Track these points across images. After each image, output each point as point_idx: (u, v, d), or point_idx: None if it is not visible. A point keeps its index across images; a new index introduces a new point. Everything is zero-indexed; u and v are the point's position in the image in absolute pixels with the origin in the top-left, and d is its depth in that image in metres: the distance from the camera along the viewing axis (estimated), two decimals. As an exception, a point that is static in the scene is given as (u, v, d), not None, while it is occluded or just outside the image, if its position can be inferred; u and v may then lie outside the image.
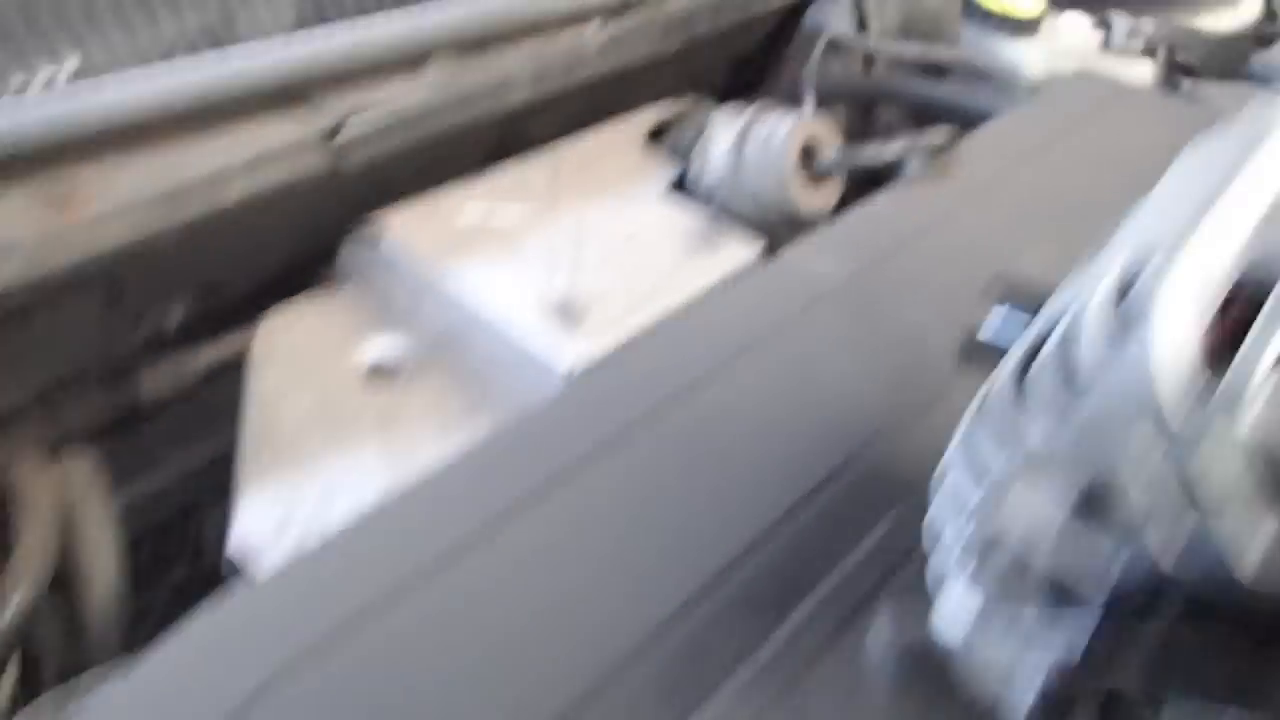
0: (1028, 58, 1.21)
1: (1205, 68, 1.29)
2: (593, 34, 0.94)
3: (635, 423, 0.62)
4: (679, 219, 0.91)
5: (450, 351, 0.85)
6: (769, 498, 0.57)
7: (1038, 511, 0.35)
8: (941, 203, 0.84)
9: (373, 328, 0.86)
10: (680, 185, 0.95)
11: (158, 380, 0.86)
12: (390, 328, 0.86)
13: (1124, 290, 0.36)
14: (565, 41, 0.92)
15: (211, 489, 0.79)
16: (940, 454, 0.54)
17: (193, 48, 0.81)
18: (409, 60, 0.83)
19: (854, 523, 0.56)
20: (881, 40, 1.19)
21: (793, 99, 1.11)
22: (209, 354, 0.87)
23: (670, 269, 0.85)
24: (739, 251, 0.87)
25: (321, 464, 0.76)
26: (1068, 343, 0.36)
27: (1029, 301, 0.54)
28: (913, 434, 0.62)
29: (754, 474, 0.60)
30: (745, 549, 0.54)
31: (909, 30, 1.31)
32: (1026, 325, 0.54)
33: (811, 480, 0.58)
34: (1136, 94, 1.07)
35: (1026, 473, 0.36)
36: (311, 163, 0.77)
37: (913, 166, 0.88)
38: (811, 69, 1.09)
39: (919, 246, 0.79)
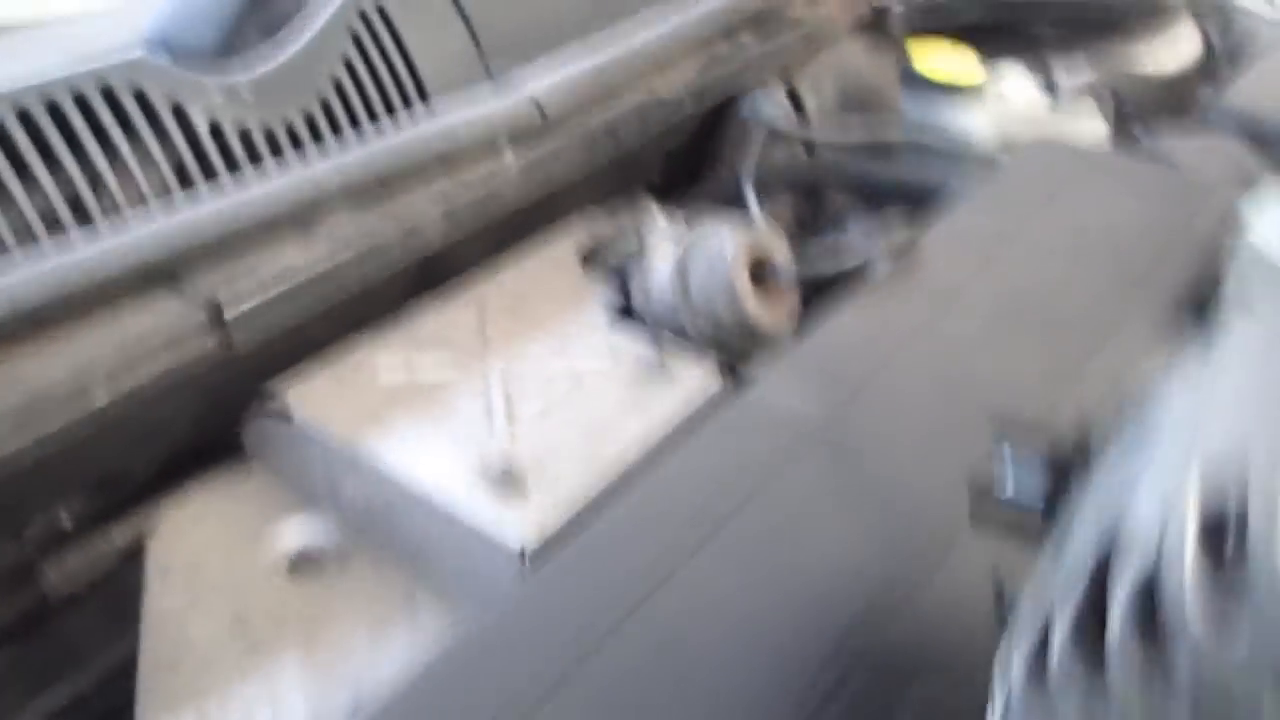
0: (975, 125, 1.15)
1: (1154, 113, 1.24)
2: (510, 161, 0.85)
3: (612, 619, 0.52)
4: (625, 349, 0.82)
5: (381, 532, 0.74)
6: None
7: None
8: (914, 310, 0.75)
9: (289, 511, 0.76)
10: (623, 310, 0.86)
11: (64, 573, 0.75)
12: (310, 510, 0.76)
13: (1213, 528, 0.27)
14: (478, 173, 0.83)
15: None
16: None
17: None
18: (298, 219, 0.73)
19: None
20: (821, 126, 1.12)
21: (733, 191, 1.03)
22: (120, 535, 0.76)
23: (623, 411, 0.76)
24: (698, 382, 0.77)
25: (236, 689, 0.65)
26: (1129, 618, 0.27)
27: (1034, 440, 0.46)
28: (924, 609, 0.53)
29: (758, 673, 0.50)
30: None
31: (847, 106, 1.25)
32: (1038, 471, 0.46)
33: (819, 681, 0.49)
34: (1099, 158, 1.00)
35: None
36: (196, 348, 0.67)
37: (877, 269, 0.80)
38: (749, 164, 1.02)
39: (897, 365, 0.70)
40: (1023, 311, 0.75)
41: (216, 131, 0.74)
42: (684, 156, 1.17)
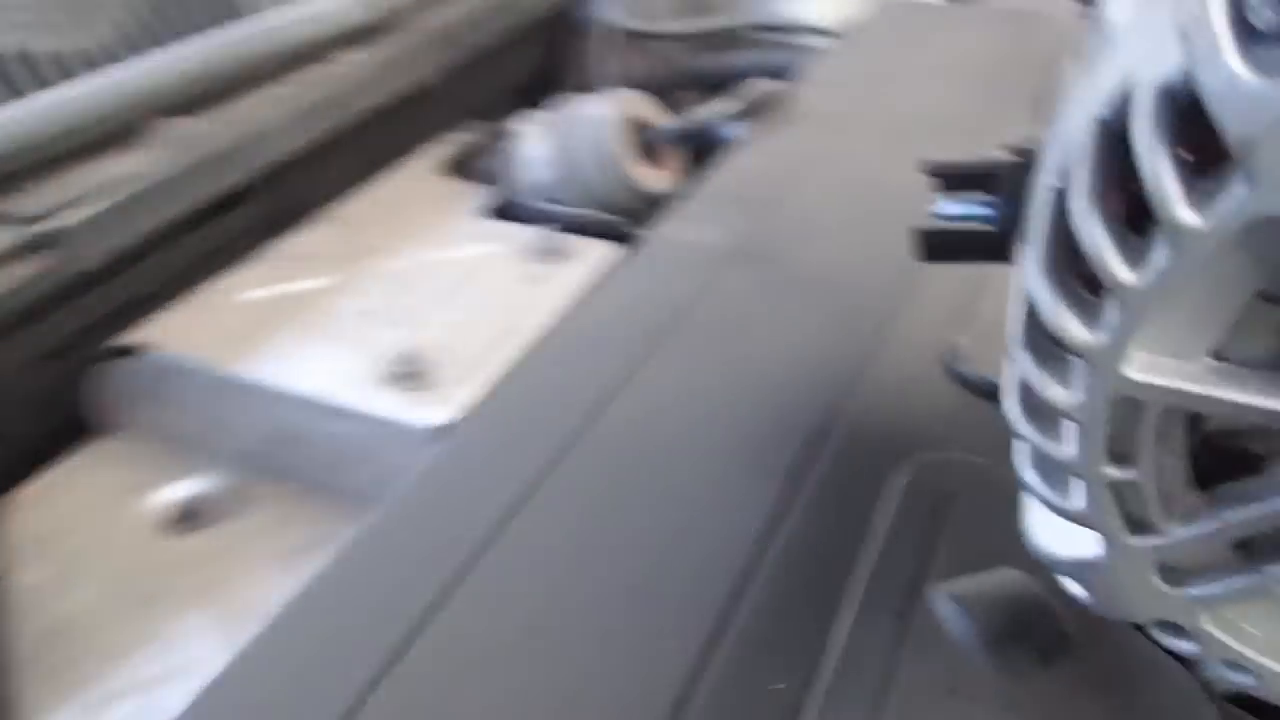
0: (815, 7, 1.15)
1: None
2: (349, 65, 0.79)
3: (573, 426, 0.47)
4: (514, 236, 0.76)
5: (280, 461, 0.66)
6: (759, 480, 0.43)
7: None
8: (805, 142, 0.73)
9: (166, 465, 0.67)
10: (499, 211, 0.81)
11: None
12: (190, 458, 0.67)
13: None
14: (317, 75, 0.76)
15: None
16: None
17: None
18: (128, 127, 0.65)
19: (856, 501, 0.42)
20: (665, 20, 1.10)
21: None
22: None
23: (521, 289, 0.70)
24: (594, 252, 0.73)
25: (138, 649, 0.57)
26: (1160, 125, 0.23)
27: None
28: (880, 387, 0.50)
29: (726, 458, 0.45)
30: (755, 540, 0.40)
31: (681, 8, 1.23)
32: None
33: (793, 459, 0.45)
34: (950, 9, 1.01)
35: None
36: (23, 272, 0.58)
37: (756, 117, 0.77)
38: (599, 60, 0.98)
39: (803, 187, 0.67)
40: (910, 130, 0.74)
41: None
42: (526, 88, 1.13)
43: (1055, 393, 0.25)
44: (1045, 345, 0.26)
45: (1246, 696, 0.32)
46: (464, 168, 0.87)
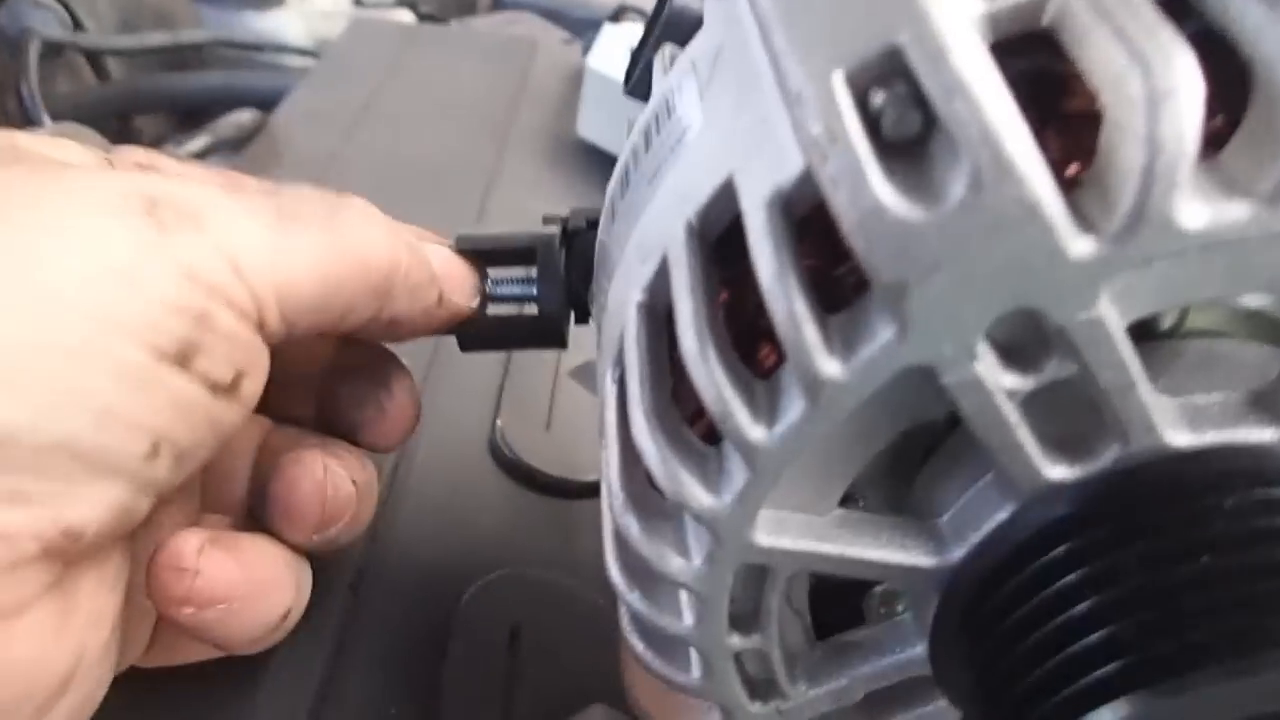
0: (287, 28, 1.04)
1: (445, 11, 1.24)
2: None
3: None
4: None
5: None
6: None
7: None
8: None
9: None
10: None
11: None
12: None
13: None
14: None
15: None
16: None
17: None
18: None
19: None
20: (113, 34, 0.93)
21: (27, 123, 0.81)
22: None
23: None
24: None
25: None
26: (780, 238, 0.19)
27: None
28: (421, 494, 0.43)
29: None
30: None
31: (132, 26, 1.06)
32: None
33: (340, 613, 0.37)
34: (425, 31, 0.96)
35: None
36: None
37: (225, 149, 0.66)
38: (33, 80, 0.80)
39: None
40: (398, 175, 0.67)
41: None
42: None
43: (670, 563, 0.20)
44: (653, 503, 0.21)
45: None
46: None
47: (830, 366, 0.17)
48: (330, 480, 0.32)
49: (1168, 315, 0.20)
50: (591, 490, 0.42)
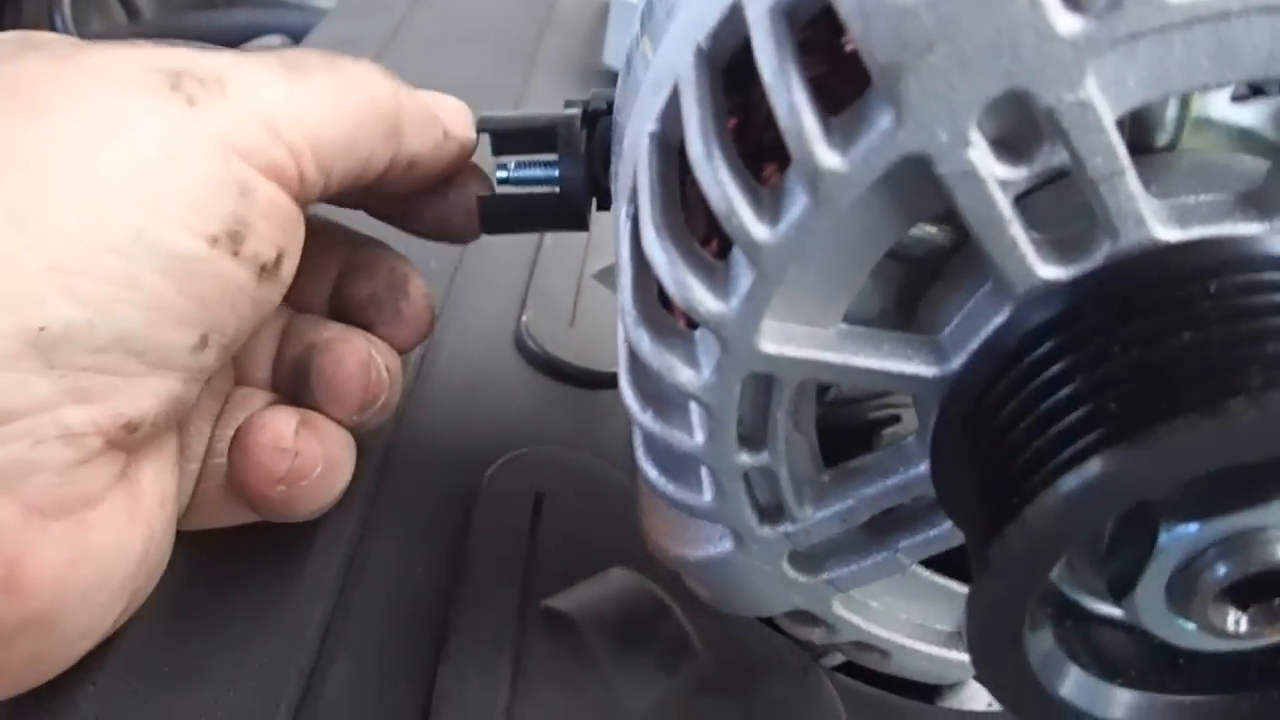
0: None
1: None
2: None
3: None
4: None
5: None
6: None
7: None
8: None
9: None
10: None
11: None
12: None
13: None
14: None
15: None
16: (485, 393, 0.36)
17: None
18: None
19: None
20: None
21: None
22: None
23: None
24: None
25: None
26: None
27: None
28: (446, 381, 0.44)
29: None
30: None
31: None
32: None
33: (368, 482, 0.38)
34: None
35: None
36: None
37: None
38: (67, 18, 0.82)
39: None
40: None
41: None
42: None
43: (680, 374, 0.21)
44: (664, 320, 0.22)
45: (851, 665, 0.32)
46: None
47: (830, 158, 0.18)
48: (373, 361, 0.33)
49: (1162, 134, 0.21)
50: (613, 381, 0.43)
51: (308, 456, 0.30)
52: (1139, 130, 0.21)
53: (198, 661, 0.30)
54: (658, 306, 0.22)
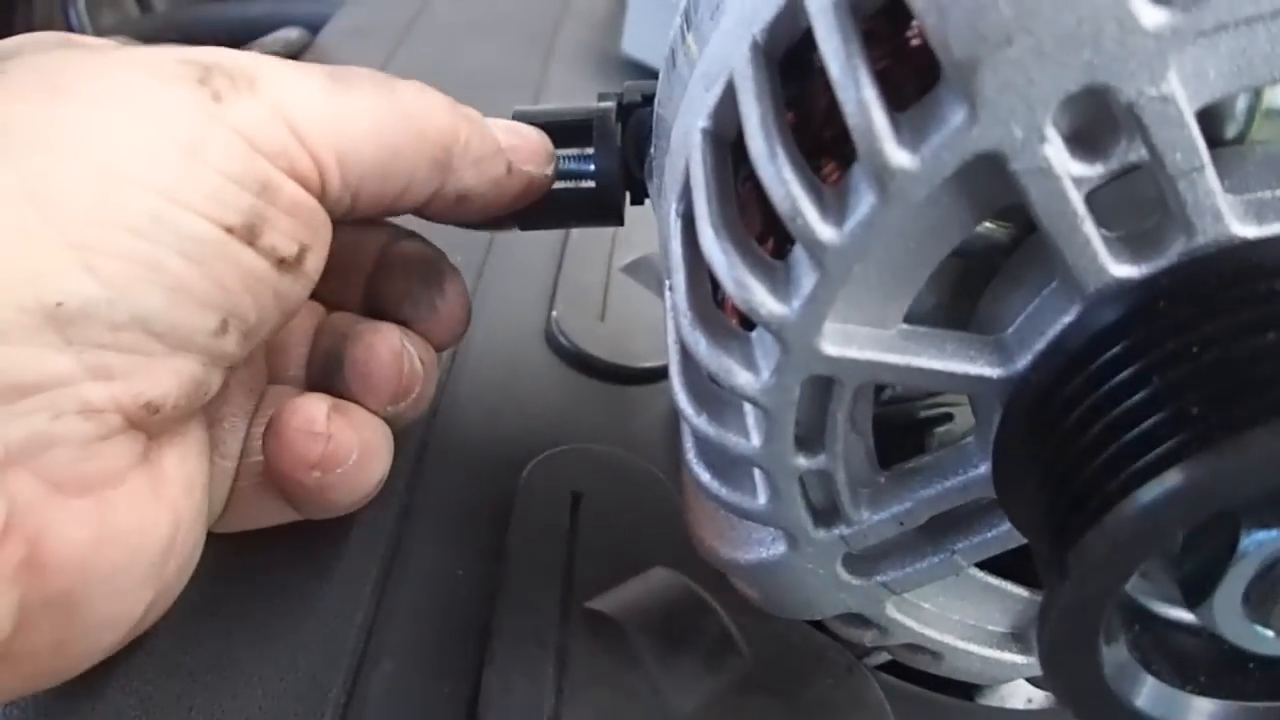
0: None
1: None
2: None
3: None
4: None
5: None
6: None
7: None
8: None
9: None
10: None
11: None
12: None
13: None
14: None
15: None
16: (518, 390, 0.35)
17: None
18: None
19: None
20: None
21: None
22: None
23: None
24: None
25: None
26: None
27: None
28: (479, 377, 0.44)
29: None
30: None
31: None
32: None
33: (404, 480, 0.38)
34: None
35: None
36: None
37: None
38: (82, 11, 0.81)
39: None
40: (446, 90, 0.68)
41: None
42: None
43: (738, 377, 0.21)
44: (720, 321, 0.22)
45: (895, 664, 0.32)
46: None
47: (900, 156, 0.17)
48: (406, 351, 0.32)
49: (1232, 125, 0.21)
50: (646, 376, 0.43)
51: (341, 441, 0.30)
52: (1209, 122, 0.20)
53: (240, 665, 0.30)
54: (713, 307, 0.22)
